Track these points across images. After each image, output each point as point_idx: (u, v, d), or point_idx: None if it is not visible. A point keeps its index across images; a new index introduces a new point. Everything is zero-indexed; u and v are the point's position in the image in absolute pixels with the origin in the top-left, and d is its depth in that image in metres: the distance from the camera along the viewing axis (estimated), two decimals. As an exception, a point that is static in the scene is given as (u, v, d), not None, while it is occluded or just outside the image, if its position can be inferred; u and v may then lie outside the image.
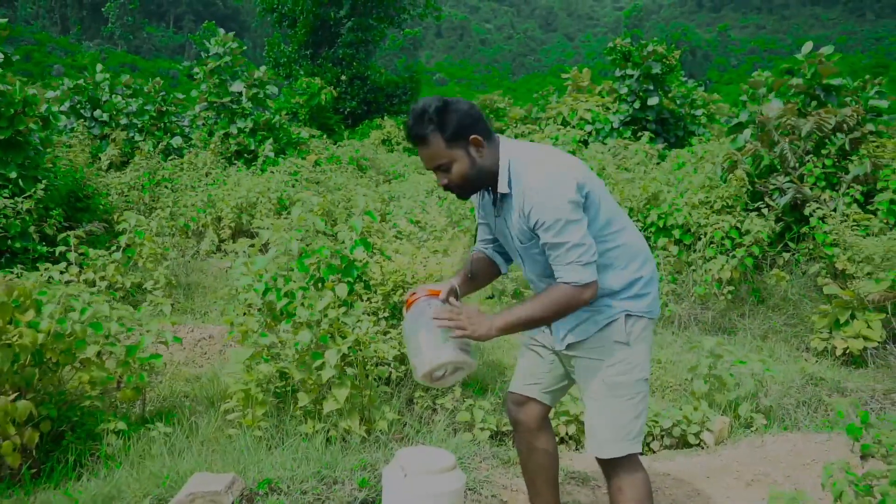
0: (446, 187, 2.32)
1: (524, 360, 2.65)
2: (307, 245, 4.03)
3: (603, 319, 2.30)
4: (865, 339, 5.28)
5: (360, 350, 3.54)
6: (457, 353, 2.24)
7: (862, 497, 2.09)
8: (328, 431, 3.51)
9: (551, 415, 3.33)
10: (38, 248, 6.67)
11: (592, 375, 2.33)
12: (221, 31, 13.26)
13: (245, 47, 13.71)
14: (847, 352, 5.36)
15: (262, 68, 14.15)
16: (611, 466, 2.35)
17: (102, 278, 5.96)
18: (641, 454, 2.43)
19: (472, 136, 2.23)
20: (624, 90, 12.61)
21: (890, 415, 4.27)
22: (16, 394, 3.28)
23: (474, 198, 2.51)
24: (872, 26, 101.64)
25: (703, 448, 3.94)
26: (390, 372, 3.88)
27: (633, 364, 2.30)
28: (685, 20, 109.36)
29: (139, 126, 12.85)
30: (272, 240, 4.02)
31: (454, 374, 2.32)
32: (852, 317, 5.43)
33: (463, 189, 2.32)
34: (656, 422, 4.00)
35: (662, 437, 4.04)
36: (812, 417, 4.32)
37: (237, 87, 12.93)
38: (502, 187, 2.26)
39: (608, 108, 12.84)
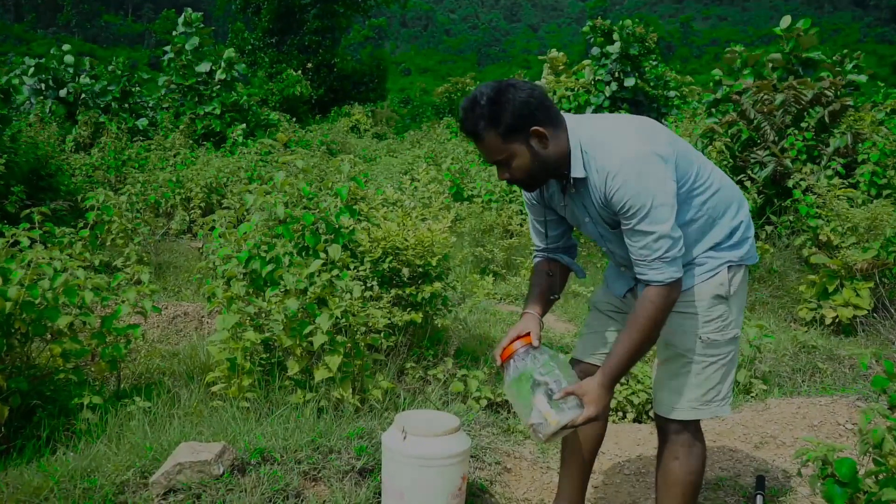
0: (509, 181, 2.11)
1: (597, 324, 2.40)
2: (291, 211, 3.84)
3: (705, 272, 2.12)
4: (855, 307, 5.24)
5: (353, 316, 3.36)
6: (574, 411, 2.06)
7: (902, 442, 1.98)
8: (319, 401, 3.33)
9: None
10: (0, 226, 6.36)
11: (686, 331, 2.13)
12: (188, 9, 12.88)
13: (213, 29, 13.37)
14: (836, 320, 5.32)
15: (230, 50, 13.81)
16: (674, 430, 2.19)
17: (70, 256, 5.68)
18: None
19: (533, 129, 2.00)
20: (602, 72, 12.53)
21: None
22: (-17, 366, 3.06)
23: (528, 194, 2.30)
24: (830, 17, 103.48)
25: (703, 414, 3.84)
26: (381, 341, 3.70)
27: (729, 320, 2.14)
28: (648, 11, 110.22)
29: (102, 106, 12.45)
30: (255, 204, 3.82)
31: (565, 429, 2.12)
32: (840, 285, 5.40)
33: (527, 183, 2.12)
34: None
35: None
36: (809, 383, 4.25)
37: (204, 67, 12.58)
38: (577, 171, 2.03)
39: (588, 91, 12.75)
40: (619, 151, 1.97)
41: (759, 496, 2.76)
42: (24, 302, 3.21)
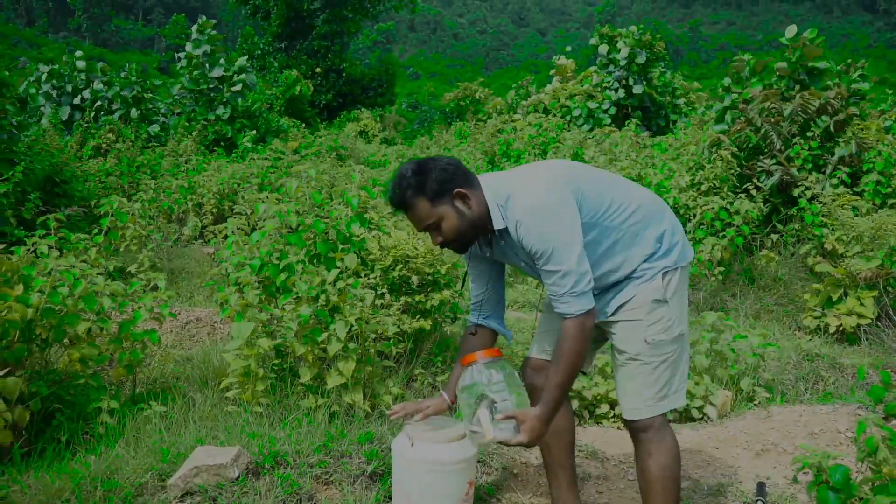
0: (442, 245, 2.31)
1: (546, 324, 2.58)
2: (303, 219, 3.93)
3: (643, 281, 2.30)
4: (859, 316, 5.29)
5: (366, 324, 3.45)
6: (509, 432, 2.24)
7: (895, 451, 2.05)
8: (331, 407, 3.42)
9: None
10: (16, 232, 6.47)
11: (634, 337, 2.30)
12: (203, 16, 13.04)
13: (224, 37, 13.53)
14: (840, 329, 5.38)
15: (243, 58, 13.95)
16: (642, 429, 2.33)
17: (84, 262, 5.78)
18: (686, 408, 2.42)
19: (456, 191, 2.23)
20: (609, 79, 12.60)
21: None
22: (5, 370, 3.15)
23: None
24: (840, 23, 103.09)
25: (706, 421, 3.91)
26: (392, 348, 3.79)
27: (672, 320, 2.30)
28: (657, 16, 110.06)
29: (117, 114, 12.60)
30: (268, 213, 3.91)
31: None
32: (844, 294, 5.45)
33: (458, 243, 2.32)
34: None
35: (665, 411, 4.01)
36: (812, 391, 4.31)
37: (216, 73, 12.71)
38: (497, 223, 2.25)
39: (591, 97, 12.81)
40: (523, 202, 2.19)
41: (759, 502, 2.83)
42: (44, 308, 3.31)
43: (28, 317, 3.25)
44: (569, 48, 15.94)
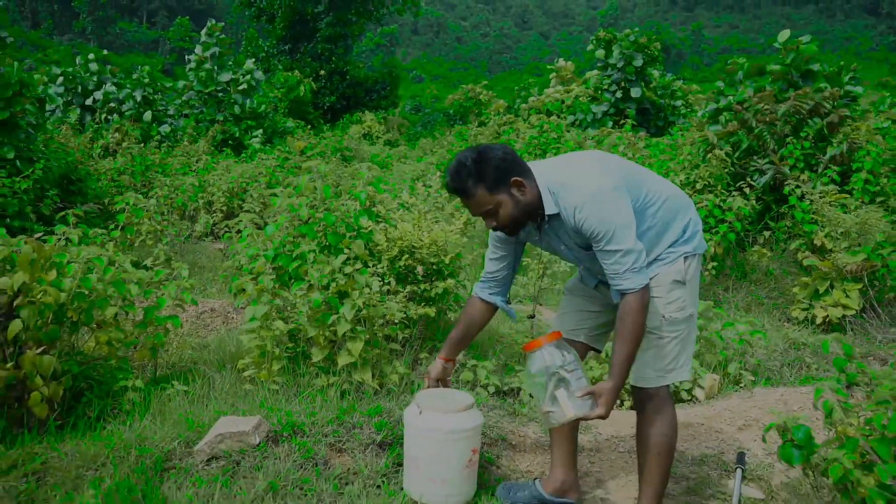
0: (495, 228, 2.51)
1: (570, 305, 2.80)
2: (314, 212, 4.19)
3: (667, 263, 2.51)
4: (844, 307, 5.53)
5: (373, 307, 3.69)
6: (587, 407, 2.36)
7: (850, 412, 2.30)
8: (342, 385, 3.66)
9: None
10: (36, 227, 6.73)
11: (653, 311, 2.48)
12: (212, 20, 13.35)
13: (232, 40, 13.82)
14: (827, 320, 5.61)
15: (251, 61, 14.26)
16: (648, 398, 2.56)
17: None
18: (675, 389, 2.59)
19: (513, 179, 2.39)
20: (607, 81, 12.85)
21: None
22: (40, 349, 3.40)
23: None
24: (842, 26, 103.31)
25: (694, 402, 4.15)
26: (398, 332, 4.04)
27: (686, 301, 2.51)
28: (659, 19, 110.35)
29: (126, 112, 12.90)
30: (282, 206, 4.16)
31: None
32: (831, 286, 5.68)
33: (511, 228, 2.49)
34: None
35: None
36: (797, 377, 4.55)
37: (225, 77, 13.01)
38: (550, 209, 2.41)
39: (595, 100, 13.05)
40: (581, 189, 2.37)
41: (739, 469, 3.07)
42: (76, 293, 3.55)
43: (60, 300, 3.50)
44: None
